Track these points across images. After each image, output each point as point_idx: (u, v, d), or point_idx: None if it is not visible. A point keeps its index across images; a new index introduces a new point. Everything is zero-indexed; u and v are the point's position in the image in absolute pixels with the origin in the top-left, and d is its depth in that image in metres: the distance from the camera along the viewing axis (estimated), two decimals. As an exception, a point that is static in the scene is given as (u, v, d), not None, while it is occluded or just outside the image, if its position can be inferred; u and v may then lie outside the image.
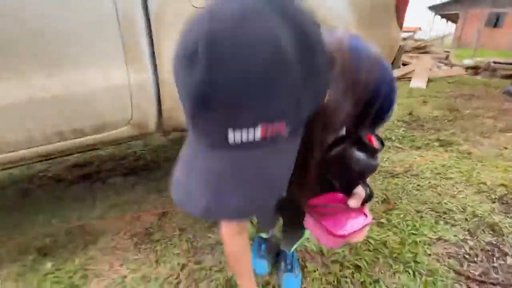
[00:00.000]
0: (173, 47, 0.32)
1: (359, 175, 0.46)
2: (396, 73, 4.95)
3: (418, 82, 4.35)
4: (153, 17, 0.98)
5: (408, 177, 1.70)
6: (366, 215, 0.48)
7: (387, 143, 2.25)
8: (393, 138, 2.33)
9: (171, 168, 0.37)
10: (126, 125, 1.09)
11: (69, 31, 0.88)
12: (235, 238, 0.65)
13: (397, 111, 3.00)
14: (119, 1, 0.91)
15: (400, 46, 1.72)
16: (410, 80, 4.50)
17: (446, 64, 5.89)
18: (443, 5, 16.60)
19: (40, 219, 1.33)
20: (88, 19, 0.90)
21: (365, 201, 0.49)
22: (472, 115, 2.75)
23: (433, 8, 17.12)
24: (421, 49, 6.31)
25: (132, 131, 1.12)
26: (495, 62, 4.95)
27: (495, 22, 16.15)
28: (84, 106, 0.97)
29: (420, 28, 23.09)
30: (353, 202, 0.48)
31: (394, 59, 1.73)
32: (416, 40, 6.69)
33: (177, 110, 1.13)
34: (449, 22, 19.76)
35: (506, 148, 2.01)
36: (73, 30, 0.89)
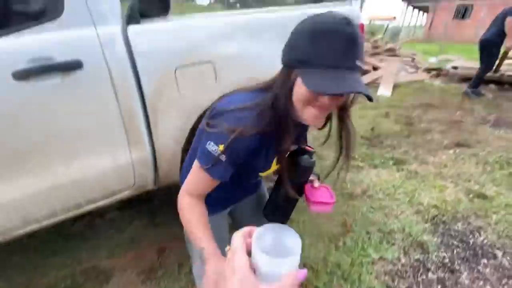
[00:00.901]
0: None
1: (307, 169, 0.75)
2: (366, 79, 5.34)
3: (384, 90, 4.76)
4: (149, 107, 1.21)
5: (364, 199, 2.07)
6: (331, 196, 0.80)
7: (352, 162, 2.61)
8: (357, 156, 2.69)
9: (164, 200, 0.61)
10: (129, 189, 1.34)
11: (83, 129, 1.11)
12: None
13: (362, 125, 3.37)
14: (122, 100, 1.14)
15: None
16: (378, 86, 4.91)
17: (412, 67, 6.36)
18: (415, -3, 17.31)
19: (56, 261, 1.55)
20: (98, 118, 1.12)
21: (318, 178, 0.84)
22: (424, 130, 3.17)
23: (407, -1, 17.80)
24: (390, 51, 6.74)
25: (134, 192, 1.37)
26: (453, 68, 5.45)
27: (463, 14, 17.04)
28: (96, 183, 1.20)
29: (394, 18, 23.79)
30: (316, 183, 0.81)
31: None
32: (375, 41, 7.05)
33: (170, 172, 1.39)
34: (421, 13, 20.60)
35: (445, 166, 2.43)
36: (86, 127, 1.11)
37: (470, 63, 6.17)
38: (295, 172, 0.74)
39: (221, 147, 0.57)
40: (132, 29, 1.13)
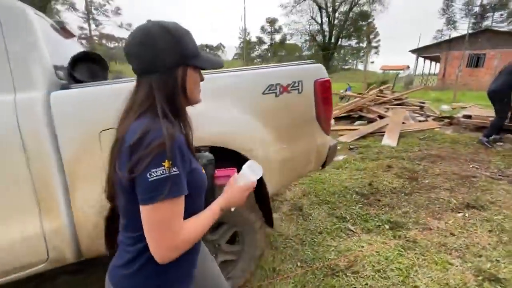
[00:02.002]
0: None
1: (211, 161, 0.91)
2: (371, 129, 5.16)
3: (389, 140, 4.51)
4: (68, 173, 1.11)
5: (347, 275, 1.71)
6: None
7: (342, 223, 2.29)
8: (348, 217, 2.37)
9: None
10: (44, 263, 1.17)
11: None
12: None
13: (359, 179, 3.08)
14: (34, 167, 1.06)
15: (330, 146, 1.86)
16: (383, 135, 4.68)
17: (422, 115, 6.13)
18: (424, 48, 17.81)
19: None
20: (4, 185, 1.03)
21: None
22: (430, 187, 2.81)
23: (415, 51, 18.32)
24: (397, 100, 6.63)
25: (51, 266, 1.20)
26: (465, 116, 5.16)
27: (476, 62, 17.09)
28: (6, 254, 1.07)
29: (408, 67, 24.39)
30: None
31: (327, 158, 1.86)
32: (381, 91, 7.03)
33: (94, 244, 1.22)
34: (433, 63, 20.98)
35: (452, 234, 2.03)
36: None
37: (485, 111, 5.86)
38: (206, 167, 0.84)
39: (166, 163, 0.56)
40: (56, 95, 1.10)
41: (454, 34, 23.79)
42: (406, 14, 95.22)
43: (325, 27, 18.28)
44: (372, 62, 62.20)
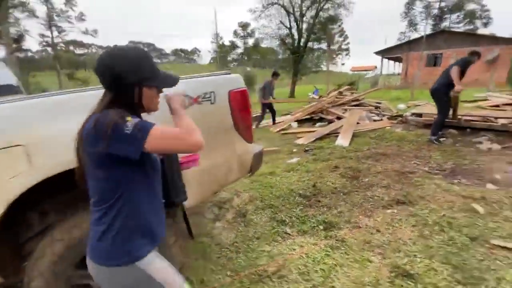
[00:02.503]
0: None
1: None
2: (327, 130, 5.32)
3: (342, 140, 4.68)
4: None
5: (273, 281, 1.73)
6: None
7: (280, 227, 2.32)
8: (287, 220, 2.41)
9: None
10: None
11: None
12: None
13: (305, 181, 3.15)
14: None
15: (254, 154, 1.88)
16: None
17: (378, 115, 6.42)
18: (387, 50, 18.84)
19: None
20: None
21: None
22: (368, 185, 2.93)
23: (379, 52, 19.32)
24: (355, 101, 6.92)
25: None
26: (413, 114, 5.48)
27: (434, 62, 18.33)
28: None
29: (376, 67, 25.63)
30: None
31: (252, 166, 1.88)
32: (340, 92, 7.32)
33: None
34: (397, 63, 22.25)
35: (378, 231, 2.12)
36: None
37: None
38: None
39: (129, 118, 0.76)
40: None
41: (416, 35, 25.29)
42: (375, 16, 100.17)
43: (294, 31, 18.76)
44: (343, 64, 64.50)
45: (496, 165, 3.31)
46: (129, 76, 0.80)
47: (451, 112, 4.71)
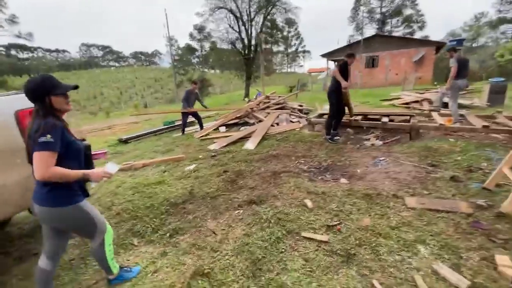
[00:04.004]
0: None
1: (88, 147, 1.65)
2: (241, 134, 5.51)
3: (249, 144, 4.88)
4: None
5: None
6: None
7: (130, 238, 2.36)
8: (141, 231, 2.45)
9: None
10: None
11: None
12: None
13: (187, 188, 3.23)
14: None
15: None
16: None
17: (298, 116, 6.80)
18: (329, 53, 20.08)
19: None
20: None
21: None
22: (239, 187, 3.11)
23: (324, 55, 20.50)
24: (278, 104, 7.27)
25: None
26: (319, 116, 5.91)
27: (372, 63, 19.92)
28: None
29: (328, 68, 26.85)
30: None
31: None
32: (267, 97, 7.62)
33: None
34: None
35: (214, 233, 2.27)
36: None
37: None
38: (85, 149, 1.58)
39: (48, 136, 1.30)
40: None
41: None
42: (338, 19, 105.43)
43: (244, 35, 19.05)
44: (301, 66, 67.00)
45: (363, 160, 3.73)
46: (39, 92, 1.36)
47: (349, 110, 5.20)
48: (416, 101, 8.29)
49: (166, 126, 7.97)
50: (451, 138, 4.21)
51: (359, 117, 5.29)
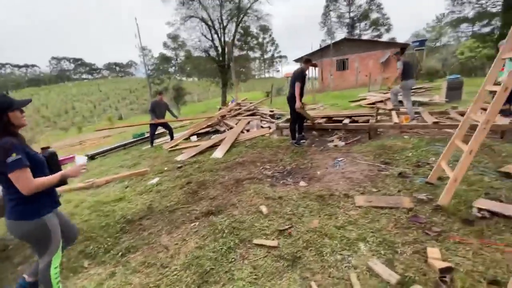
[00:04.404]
0: None
1: (54, 153, 1.92)
2: (210, 143, 5.48)
3: (218, 152, 4.87)
4: None
5: None
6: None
7: (81, 261, 2.26)
8: (93, 252, 2.36)
9: None
10: None
11: None
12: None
13: (146, 203, 3.16)
14: None
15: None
16: (215, 150, 5.02)
17: (268, 122, 6.89)
18: (302, 58, 20.63)
19: None
20: None
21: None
22: (199, 198, 3.09)
23: (297, 60, 21.06)
24: (249, 111, 7.34)
25: None
26: (288, 120, 6.02)
27: (343, 66, 20.71)
28: None
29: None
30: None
31: None
32: (238, 104, 7.69)
33: None
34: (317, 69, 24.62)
35: (166, 248, 2.23)
36: None
37: (326, 111, 6.98)
38: (51, 157, 1.79)
39: (14, 154, 1.40)
40: None
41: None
42: (308, 25, 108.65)
43: (217, 43, 19.14)
44: (278, 71, 68.33)
45: (324, 162, 3.84)
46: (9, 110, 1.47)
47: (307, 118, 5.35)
48: (381, 101, 8.70)
49: (135, 139, 7.76)
50: (406, 136, 4.46)
51: (323, 120, 5.46)
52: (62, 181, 1.61)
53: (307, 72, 4.89)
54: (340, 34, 39.56)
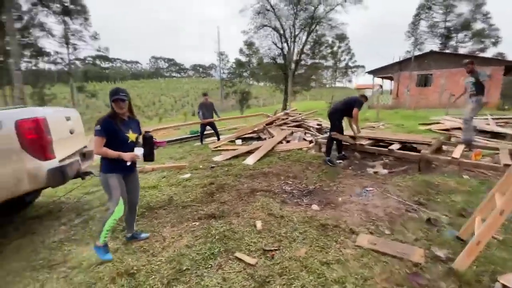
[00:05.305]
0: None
1: (149, 137, 2.32)
2: (247, 149, 5.67)
3: (250, 159, 5.01)
4: None
5: (50, 272, 2.13)
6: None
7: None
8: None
9: None
10: None
11: None
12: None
13: (172, 195, 3.53)
14: None
15: (48, 169, 2.34)
16: (250, 156, 5.18)
17: (313, 135, 6.68)
18: (377, 70, 18.92)
19: None
20: None
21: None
22: (212, 200, 3.27)
23: (371, 72, 19.44)
24: (297, 122, 7.23)
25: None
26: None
27: (424, 82, 18.12)
28: None
29: (381, 86, 25.00)
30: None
31: (49, 178, 2.34)
32: (286, 113, 7.62)
33: None
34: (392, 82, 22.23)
35: (164, 239, 2.47)
36: None
37: (383, 132, 6.40)
38: (146, 139, 2.28)
39: (98, 126, 2.02)
40: None
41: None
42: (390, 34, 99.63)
43: (286, 52, 19.46)
44: (350, 81, 64.47)
45: (352, 188, 3.53)
46: (109, 99, 2.07)
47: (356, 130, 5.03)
48: (459, 128, 7.32)
49: (191, 135, 8.63)
50: (466, 176, 3.68)
51: (368, 142, 4.98)
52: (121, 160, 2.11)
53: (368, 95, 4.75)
54: (430, 45, 34.68)
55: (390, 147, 4.52)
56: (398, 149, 4.49)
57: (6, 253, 2.46)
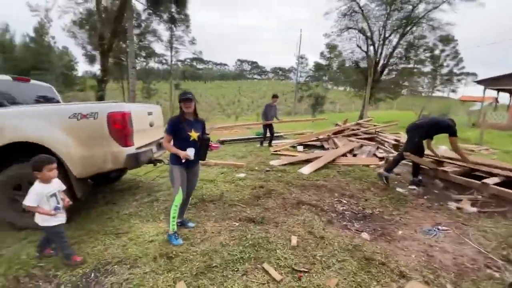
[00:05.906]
0: None
1: (207, 139, 2.57)
2: (304, 157, 5.50)
3: (306, 168, 4.83)
4: None
5: (114, 238, 2.62)
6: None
7: (162, 215, 3.13)
8: (163, 211, 3.19)
9: None
10: None
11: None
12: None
13: (224, 191, 3.76)
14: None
15: (128, 154, 2.85)
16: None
17: (386, 151, 5.93)
18: (492, 79, 15.01)
19: None
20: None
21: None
22: (256, 204, 3.30)
23: (482, 82, 15.61)
24: (370, 134, 6.49)
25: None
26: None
27: None
28: None
29: (496, 99, 20.07)
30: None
31: (127, 162, 2.85)
32: (358, 124, 6.95)
33: None
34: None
35: (205, 231, 2.65)
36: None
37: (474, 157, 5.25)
38: (203, 140, 2.52)
39: (167, 125, 2.46)
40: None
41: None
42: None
43: (372, 55, 17.77)
44: (453, 91, 53.64)
45: (419, 223, 2.98)
46: (179, 101, 2.42)
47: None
48: None
49: (255, 136, 8.94)
50: None
51: (455, 170, 4.07)
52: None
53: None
54: None
55: (486, 180, 3.58)
56: (496, 184, 3.51)
57: (91, 216, 3.13)
